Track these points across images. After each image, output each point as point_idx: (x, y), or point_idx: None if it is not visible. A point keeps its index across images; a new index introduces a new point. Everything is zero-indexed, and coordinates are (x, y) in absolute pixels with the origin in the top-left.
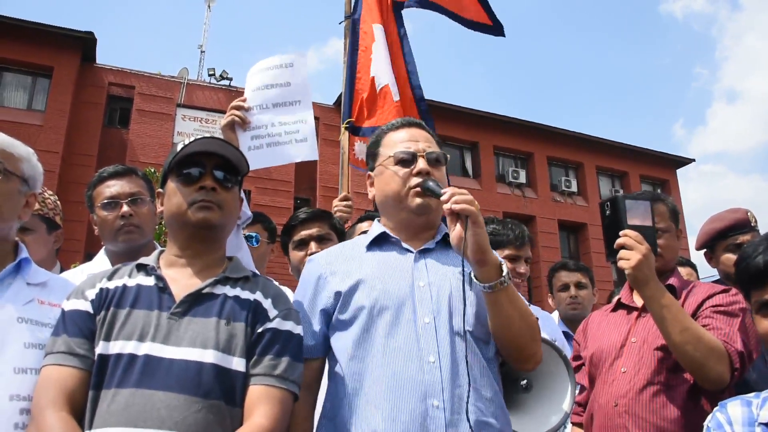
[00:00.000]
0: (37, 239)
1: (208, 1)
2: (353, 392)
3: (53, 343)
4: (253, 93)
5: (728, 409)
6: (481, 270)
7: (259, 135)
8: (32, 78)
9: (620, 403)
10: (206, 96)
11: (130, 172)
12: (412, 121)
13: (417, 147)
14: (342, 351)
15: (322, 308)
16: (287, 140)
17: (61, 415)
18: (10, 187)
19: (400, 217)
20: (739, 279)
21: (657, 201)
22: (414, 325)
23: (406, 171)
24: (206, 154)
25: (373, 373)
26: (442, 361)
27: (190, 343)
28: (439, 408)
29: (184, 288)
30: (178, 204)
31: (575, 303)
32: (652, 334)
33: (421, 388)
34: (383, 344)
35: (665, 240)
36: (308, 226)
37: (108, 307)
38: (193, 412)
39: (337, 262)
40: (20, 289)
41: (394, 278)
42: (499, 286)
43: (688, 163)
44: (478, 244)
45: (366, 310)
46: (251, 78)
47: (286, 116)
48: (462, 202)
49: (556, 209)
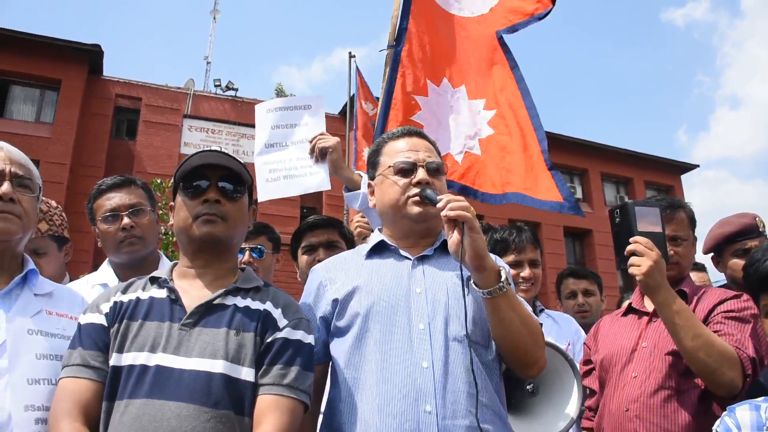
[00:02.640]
0: (49, 260)
1: (214, 13)
2: (349, 398)
3: (69, 356)
4: (273, 131)
5: (737, 413)
6: (480, 276)
7: (277, 169)
8: (40, 91)
9: (631, 408)
10: (212, 107)
11: (129, 182)
12: (412, 130)
13: (417, 157)
14: (339, 357)
15: (321, 316)
16: (302, 173)
17: (75, 426)
18: (35, 202)
19: (399, 225)
20: (748, 283)
21: (678, 208)
22: (408, 331)
23: (405, 181)
24: (211, 166)
25: (367, 379)
26: (435, 366)
27: (200, 354)
28: (431, 413)
29: (195, 299)
30: (185, 218)
31: (583, 311)
32: (663, 339)
33: (414, 393)
34: (377, 350)
35: (684, 248)
36: (317, 232)
37: (121, 319)
38: (203, 422)
39: (336, 270)
40: (28, 300)
41: (389, 285)
42: (497, 292)
43: (693, 169)
44: (475, 250)
45: (361, 317)
46: (268, 114)
47: (303, 153)
48: (457, 209)
49: (562, 216)
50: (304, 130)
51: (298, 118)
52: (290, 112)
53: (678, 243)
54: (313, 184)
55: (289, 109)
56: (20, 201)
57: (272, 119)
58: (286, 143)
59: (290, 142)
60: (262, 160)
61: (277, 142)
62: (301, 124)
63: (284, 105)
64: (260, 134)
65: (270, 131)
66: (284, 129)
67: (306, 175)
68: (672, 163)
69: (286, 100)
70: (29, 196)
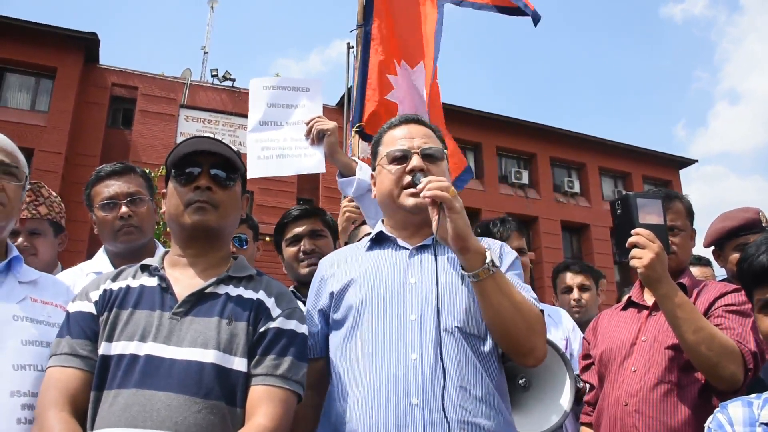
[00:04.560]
0: (45, 242)
1: (211, 3)
2: (342, 390)
3: (57, 344)
4: (268, 109)
5: (729, 409)
6: (465, 258)
7: (270, 147)
8: (35, 79)
9: (630, 402)
10: (209, 97)
11: (129, 170)
12: (410, 118)
13: (411, 144)
14: (334, 350)
15: (320, 309)
16: (297, 154)
17: (62, 416)
18: (20, 191)
19: (397, 216)
20: (742, 278)
21: (674, 199)
22: (400, 322)
23: (399, 169)
24: (203, 153)
25: (358, 371)
26: (424, 358)
27: (191, 343)
28: (417, 406)
29: (186, 288)
30: (176, 205)
31: (578, 307)
32: (663, 333)
33: (402, 386)
34: (368, 342)
35: (681, 239)
36: (300, 222)
37: (111, 308)
38: (194, 412)
39: (338, 263)
40: (13, 287)
41: (384, 276)
42: (483, 274)
43: (691, 164)
44: (455, 230)
45: (354, 309)
46: (264, 91)
47: (299, 134)
48: (434, 189)
49: (559, 210)
50: (301, 111)
51: (296, 99)
52: (288, 92)
53: (675, 233)
54: (308, 165)
55: (287, 89)
56: (4, 189)
57: (268, 96)
58: (282, 123)
59: (286, 122)
60: (254, 137)
61: (272, 120)
62: (299, 106)
63: (281, 84)
64: (254, 110)
65: (265, 109)
66: (280, 108)
67: (301, 156)
68: (670, 158)
69: (284, 79)
70: (14, 184)
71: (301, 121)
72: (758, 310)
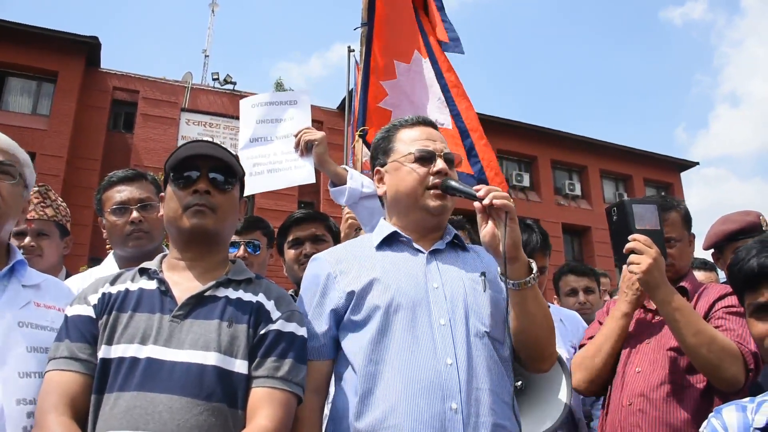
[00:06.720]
0: (51, 244)
1: (212, 6)
2: (367, 394)
3: (56, 348)
4: (257, 125)
5: (723, 414)
6: (513, 267)
7: (260, 162)
8: (37, 83)
9: (634, 402)
10: (210, 100)
11: (140, 177)
12: (425, 120)
13: (435, 146)
14: (355, 353)
15: (332, 308)
16: (287, 167)
17: (62, 420)
18: (18, 190)
19: (413, 216)
20: (733, 282)
21: (669, 209)
22: (430, 326)
23: (424, 170)
24: (202, 157)
25: (390, 375)
26: (459, 363)
27: (192, 346)
28: (457, 411)
29: (186, 291)
30: (174, 209)
31: (585, 309)
32: (667, 335)
33: (440, 390)
34: (401, 346)
35: (677, 250)
36: (303, 226)
37: (110, 311)
38: (195, 414)
39: (346, 261)
40: (16, 292)
41: (407, 279)
42: (526, 285)
43: (692, 167)
44: (513, 241)
45: (382, 311)
46: (253, 109)
47: (288, 147)
48: (501, 198)
49: (560, 212)
50: (290, 124)
51: (283, 113)
52: (275, 107)
53: (671, 245)
54: (298, 177)
55: (275, 104)
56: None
57: (257, 114)
58: (271, 138)
59: (275, 136)
60: (245, 154)
61: (262, 136)
62: (286, 119)
63: (269, 100)
64: (244, 129)
65: (255, 126)
66: (269, 124)
67: (291, 168)
68: (671, 161)
69: (272, 95)
70: (10, 183)
71: (290, 133)
72: (750, 314)
